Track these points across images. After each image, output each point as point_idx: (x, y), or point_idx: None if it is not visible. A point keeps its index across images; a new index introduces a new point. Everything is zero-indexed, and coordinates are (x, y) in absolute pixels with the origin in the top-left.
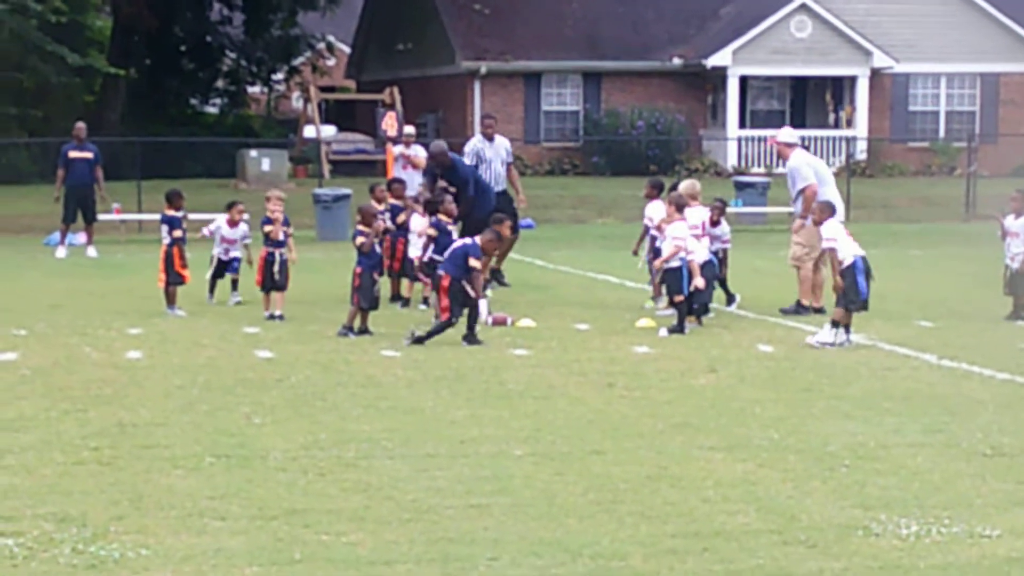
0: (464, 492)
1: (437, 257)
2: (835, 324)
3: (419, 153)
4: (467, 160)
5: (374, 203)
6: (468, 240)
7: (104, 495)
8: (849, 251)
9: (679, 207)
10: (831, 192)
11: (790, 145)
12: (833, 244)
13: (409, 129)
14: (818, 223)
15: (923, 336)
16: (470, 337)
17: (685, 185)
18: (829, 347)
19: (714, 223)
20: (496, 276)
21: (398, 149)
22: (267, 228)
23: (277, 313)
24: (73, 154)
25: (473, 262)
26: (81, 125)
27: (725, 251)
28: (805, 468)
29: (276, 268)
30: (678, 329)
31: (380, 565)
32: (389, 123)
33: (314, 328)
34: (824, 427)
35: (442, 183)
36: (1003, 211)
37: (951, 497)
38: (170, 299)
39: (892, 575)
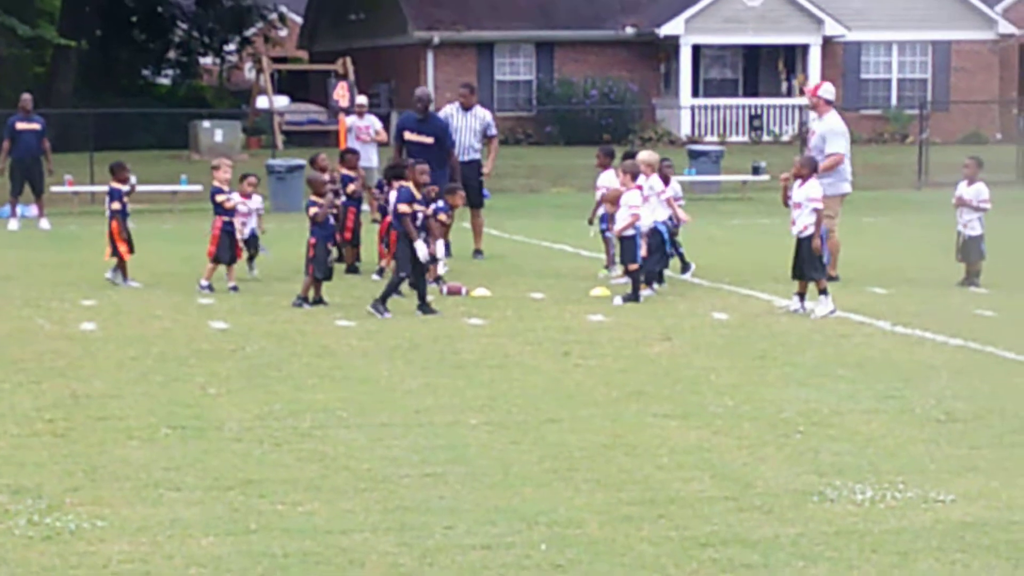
0: (420, 461)
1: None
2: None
3: (372, 124)
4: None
5: (318, 173)
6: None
7: (59, 467)
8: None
9: (633, 175)
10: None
11: (829, 103)
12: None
13: (361, 99)
14: (798, 176)
15: (876, 303)
16: (423, 307)
17: (644, 155)
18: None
19: (665, 180)
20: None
21: (351, 120)
22: (219, 198)
23: (231, 284)
24: (20, 126)
25: (402, 207)
26: (27, 96)
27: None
28: (759, 435)
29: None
30: (633, 297)
31: (336, 534)
32: (341, 93)
33: (269, 299)
34: (778, 394)
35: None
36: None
37: (905, 463)
38: (123, 270)
39: (847, 540)
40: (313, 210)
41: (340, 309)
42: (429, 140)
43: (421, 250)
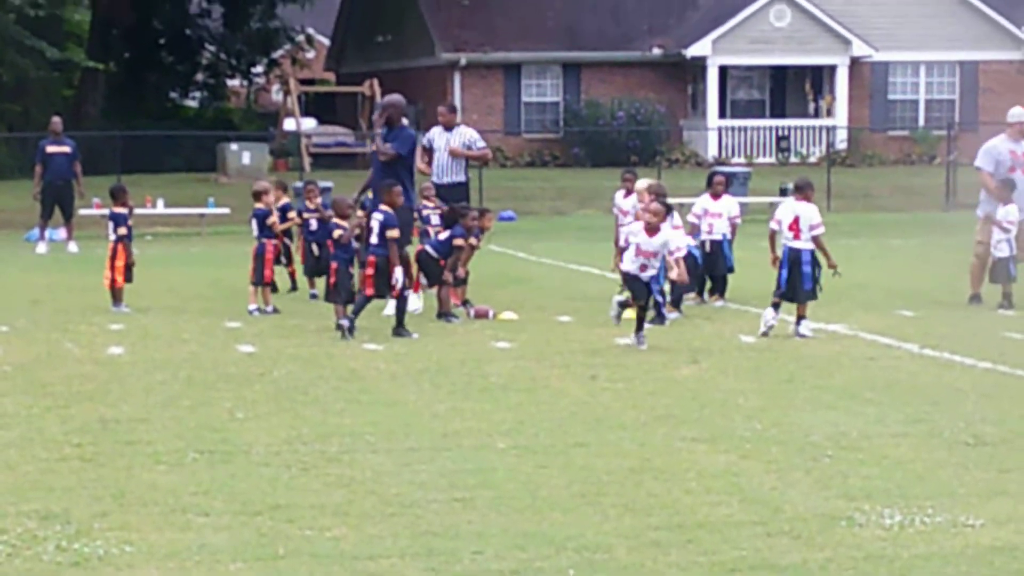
0: (447, 486)
1: (429, 249)
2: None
3: None
4: (422, 141)
5: (342, 196)
6: (380, 215)
7: (87, 491)
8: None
9: (659, 197)
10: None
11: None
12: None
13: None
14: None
15: (904, 325)
16: (398, 329)
17: (640, 184)
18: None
19: (716, 196)
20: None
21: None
22: (270, 220)
23: (268, 308)
24: (50, 149)
25: (390, 233)
26: (57, 119)
27: (734, 228)
28: (788, 459)
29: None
30: (658, 320)
31: (364, 560)
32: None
33: (295, 322)
34: (806, 417)
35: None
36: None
37: (934, 487)
38: (115, 296)
39: (876, 565)
40: (337, 232)
41: (367, 332)
42: (394, 153)
43: (399, 276)
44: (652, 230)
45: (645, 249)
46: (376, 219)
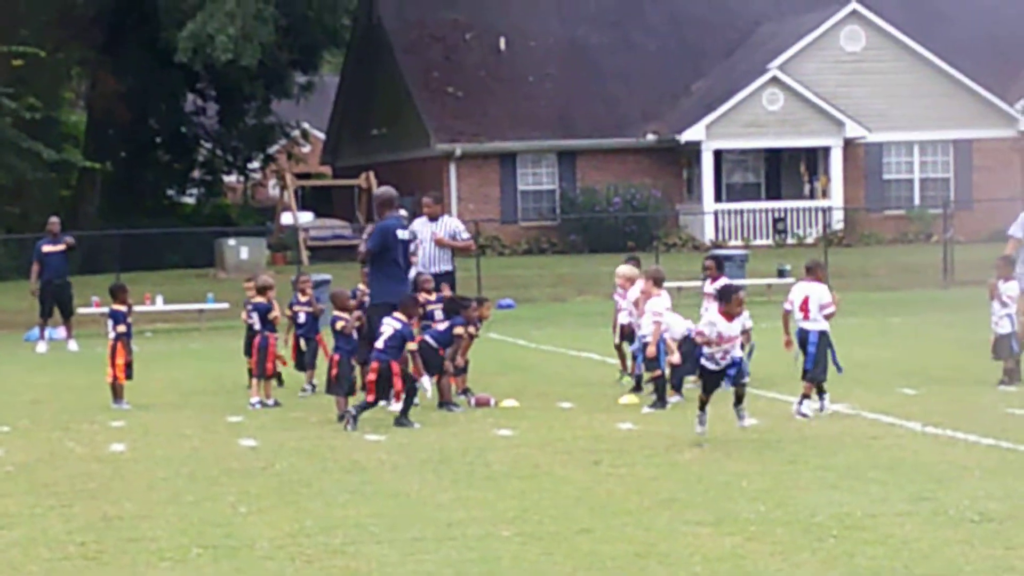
0: (453, 575)
1: (429, 339)
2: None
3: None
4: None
5: (342, 289)
6: (397, 323)
7: None
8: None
9: (657, 282)
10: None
11: None
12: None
13: (402, 212)
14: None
15: (906, 404)
16: (400, 420)
17: (623, 269)
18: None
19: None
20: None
21: None
22: (272, 315)
23: (270, 401)
24: (47, 248)
25: (409, 346)
26: (55, 220)
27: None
28: (793, 540)
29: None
30: (660, 404)
31: None
32: None
33: (297, 415)
34: (811, 498)
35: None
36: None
37: (940, 565)
38: (116, 393)
39: None
40: (340, 324)
41: (368, 423)
42: (363, 251)
43: (427, 385)
44: (731, 316)
45: (727, 335)
46: (391, 326)
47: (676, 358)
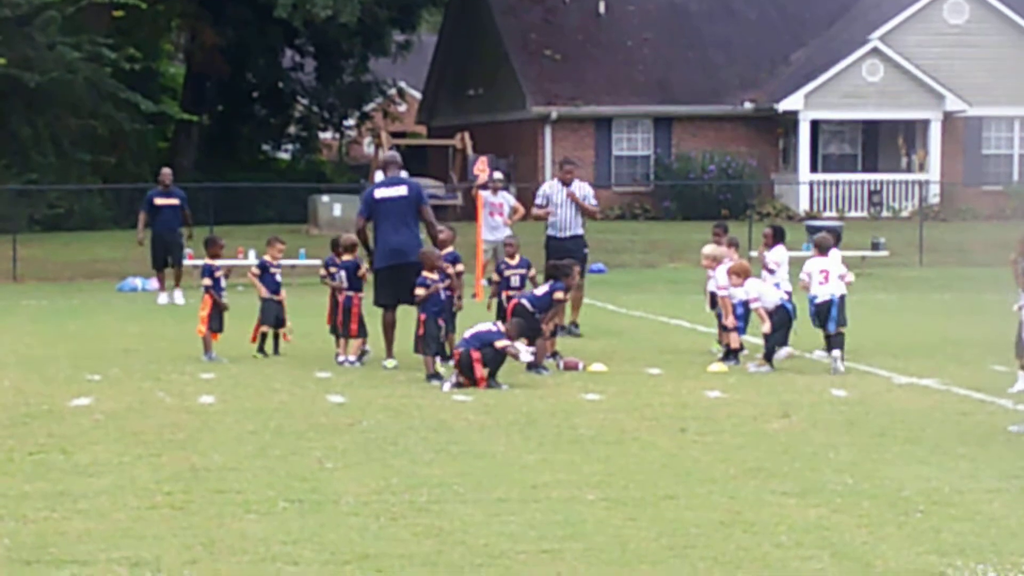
0: (536, 537)
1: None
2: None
3: (506, 200)
4: (537, 201)
5: (432, 248)
6: (492, 327)
7: (177, 540)
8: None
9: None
10: None
11: None
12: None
13: (497, 175)
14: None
15: (998, 380)
16: (490, 382)
17: (708, 249)
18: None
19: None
20: (570, 329)
21: (486, 194)
22: (361, 271)
23: (351, 359)
24: (159, 201)
25: (499, 344)
26: (167, 171)
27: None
28: (879, 513)
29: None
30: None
31: None
32: (481, 168)
33: (385, 373)
34: (898, 472)
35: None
36: None
37: None
38: (204, 345)
39: None
40: (419, 291)
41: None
42: (400, 192)
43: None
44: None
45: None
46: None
47: (767, 327)
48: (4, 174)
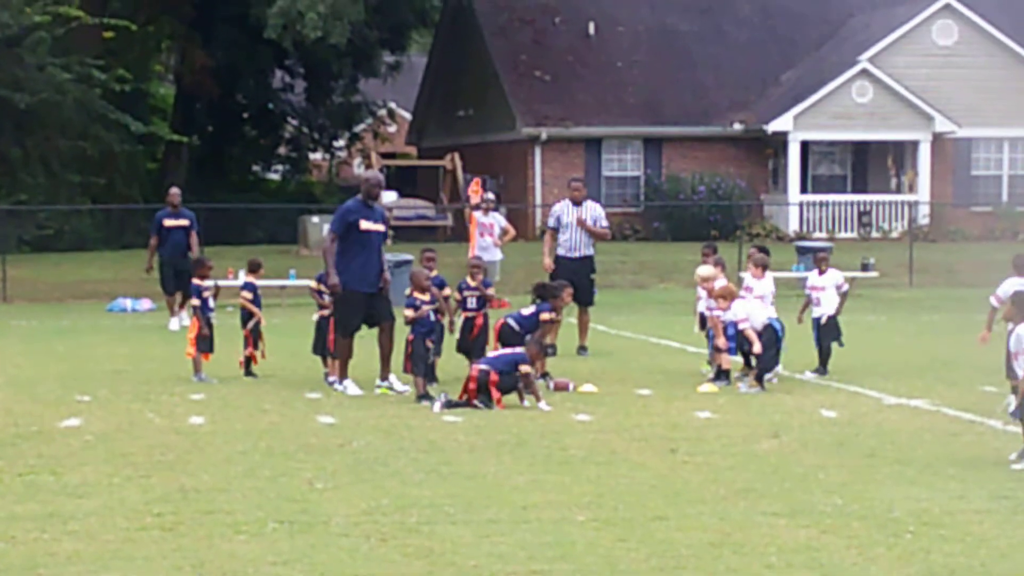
0: (526, 558)
1: (512, 323)
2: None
3: (497, 221)
4: (549, 223)
5: (421, 269)
6: (520, 351)
7: (167, 561)
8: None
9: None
10: None
11: None
12: None
13: (489, 195)
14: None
15: (988, 401)
16: (482, 399)
17: (702, 271)
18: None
19: (821, 272)
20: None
21: (477, 215)
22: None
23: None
24: (168, 223)
25: (524, 368)
26: (175, 191)
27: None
28: (869, 534)
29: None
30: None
31: None
32: (475, 189)
33: (376, 395)
34: (888, 493)
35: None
36: None
37: (1018, 564)
38: (194, 366)
39: None
40: (408, 312)
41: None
42: (381, 228)
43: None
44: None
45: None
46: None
47: (757, 347)
48: None
